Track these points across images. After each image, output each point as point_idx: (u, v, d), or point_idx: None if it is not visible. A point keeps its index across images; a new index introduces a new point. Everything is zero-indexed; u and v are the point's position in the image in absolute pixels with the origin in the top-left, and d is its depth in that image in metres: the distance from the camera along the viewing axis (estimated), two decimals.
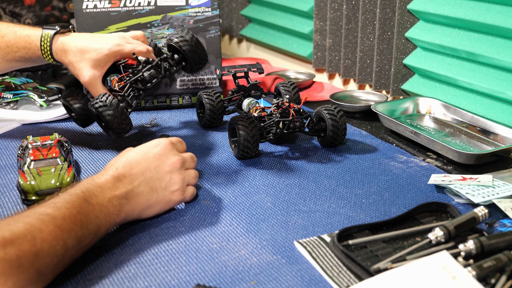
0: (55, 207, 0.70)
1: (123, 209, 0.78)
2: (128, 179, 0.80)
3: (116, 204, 0.77)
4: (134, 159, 0.83)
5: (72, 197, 0.73)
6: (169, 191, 0.85)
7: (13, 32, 1.10)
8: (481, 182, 0.91)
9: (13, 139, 1.18)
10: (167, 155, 0.85)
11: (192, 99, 1.38)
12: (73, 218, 0.70)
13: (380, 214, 0.87)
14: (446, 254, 0.69)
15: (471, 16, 1.16)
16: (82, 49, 1.06)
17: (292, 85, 1.28)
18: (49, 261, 0.66)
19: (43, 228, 0.66)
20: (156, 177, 0.83)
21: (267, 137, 1.07)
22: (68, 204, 0.71)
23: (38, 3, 1.80)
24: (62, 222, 0.68)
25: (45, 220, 0.67)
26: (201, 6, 1.34)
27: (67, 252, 0.68)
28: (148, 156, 0.84)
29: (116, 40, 1.08)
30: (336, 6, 1.49)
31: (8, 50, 1.10)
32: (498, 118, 1.14)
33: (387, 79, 1.39)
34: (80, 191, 0.75)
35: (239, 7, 1.92)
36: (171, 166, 0.85)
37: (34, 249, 0.64)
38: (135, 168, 0.82)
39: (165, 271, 0.73)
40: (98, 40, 1.08)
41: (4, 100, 1.34)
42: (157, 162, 0.84)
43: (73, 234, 0.69)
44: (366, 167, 1.03)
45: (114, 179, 0.79)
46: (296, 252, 0.77)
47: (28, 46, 1.09)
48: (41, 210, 0.69)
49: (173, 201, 0.86)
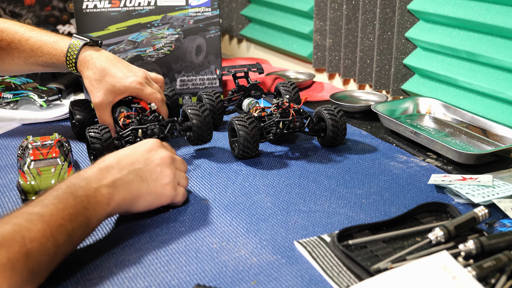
0: (42, 205, 0.69)
1: (113, 197, 0.77)
2: (116, 169, 0.79)
3: (104, 193, 0.76)
4: (122, 154, 0.82)
5: (58, 193, 0.72)
6: (161, 183, 0.83)
7: (39, 37, 1.10)
8: (481, 182, 0.91)
9: (13, 139, 1.18)
10: (156, 150, 0.85)
11: (192, 99, 1.38)
12: (61, 213, 0.69)
13: (380, 214, 0.87)
14: (446, 254, 0.69)
15: (471, 16, 1.16)
16: (105, 71, 1.07)
17: (292, 85, 1.28)
18: (41, 259, 0.65)
19: (31, 227, 0.65)
20: (146, 168, 0.82)
21: (267, 137, 1.07)
22: (54, 200, 0.70)
23: (38, 3, 1.80)
24: (50, 218, 0.68)
25: (33, 219, 0.66)
26: (201, 6, 1.34)
27: (59, 248, 0.68)
28: (137, 151, 0.84)
29: (139, 77, 1.08)
30: (336, 6, 1.49)
31: (31, 53, 1.11)
32: (498, 118, 1.14)
33: (387, 79, 1.39)
34: (66, 186, 0.74)
35: (239, 7, 1.92)
36: (161, 160, 0.84)
37: (25, 250, 0.63)
38: (124, 160, 0.81)
39: (165, 271, 0.73)
40: (123, 68, 1.08)
41: (4, 100, 1.34)
42: (146, 155, 0.83)
43: (62, 229, 0.68)
44: (366, 167, 1.03)
45: (101, 170, 0.78)
46: (296, 252, 0.77)
47: (53, 52, 1.09)
48: (29, 209, 0.68)
49: (165, 194, 0.84)
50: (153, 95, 1.09)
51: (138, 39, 1.33)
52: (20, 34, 1.11)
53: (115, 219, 0.85)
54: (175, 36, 1.34)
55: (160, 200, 0.84)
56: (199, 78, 1.37)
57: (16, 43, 1.11)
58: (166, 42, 1.34)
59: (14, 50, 1.11)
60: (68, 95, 1.45)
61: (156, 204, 0.84)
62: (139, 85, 1.07)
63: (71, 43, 1.08)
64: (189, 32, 1.34)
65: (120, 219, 0.85)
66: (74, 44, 1.08)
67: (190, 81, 1.37)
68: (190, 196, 0.93)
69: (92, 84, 1.07)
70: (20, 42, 1.11)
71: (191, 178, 0.99)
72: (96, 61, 1.08)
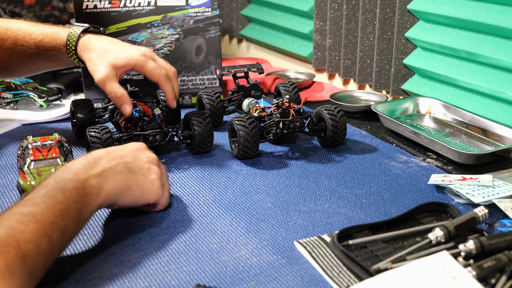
0: (33, 204, 0.68)
1: (102, 187, 0.75)
2: (105, 160, 0.79)
3: (93, 184, 0.74)
4: (111, 148, 0.82)
5: (47, 189, 0.70)
6: (149, 179, 0.82)
7: (41, 30, 1.08)
8: (481, 182, 0.91)
9: (13, 139, 1.18)
10: (143, 151, 0.85)
11: (192, 99, 1.38)
12: (52, 210, 0.68)
13: (380, 214, 0.87)
14: (446, 254, 0.69)
15: (471, 16, 1.16)
16: (104, 49, 1.04)
17: (292, 85, 1.28)
18: (38, 260, 0.64)
19: (24, 229, 0.64)
20: (134, 163, 0.82)
21: (267, 137, 1.07)
22: (44, 198, 0.69)
23: (38, 3, 1.80)
24: (42, 217, 0.66)
25: (25, 220, 0.65)
26: (201, 6, 1.34)
27: (53, 247, 0.67)
28: (125, 148, 0.84)
29: (143, 51, 1.05)
30: (336, 6, 1.49)
31: (35, 48, 1.08)
32: (498, 118, 1.14)
33: (387, 79, 1.39)
34: (54, 181, 0.72)
35: (239, 7, 1.92)
36: (148, 159, 0.84)
37: (21, 253, 0.62)
38: (113, 153, 0.81)
39: (165, 271, 0.73)
40: (124, 45, 1.06)
41: (4, 100, 1.34)
42: (134, 153, 0.83)
43: (55, 227, 0.67)
44: (366, 167, 1.03)
45: (89, 161, 0.77)
46: (296, 252, 0.77)
47: (54, 43, 1.07)
48: (19, 209, 0.67)
49: (152, 190, 0.83)
50: (157, 69, 1.04)
51: (138, 39, 1.33)
52: (24, 30, 1.09)
53: (115, 219, 0.85)
54: (175, 36, 1.34)
55: (147, 196, 0.82)
56: (199, 78, 1.37)
57: (20, 39, 1.09)
58: (166, 42, 1.34)
59: (19, 47, 1.09)
60: (68, 95, 1.45)
61: (143, 199, 0.82)
62: (142, 57, 1.03)
63: (70, 31, 1.06)
64: (189, 32, 1.34)
65: (120, 219, 0.85)
66: (74, 31, 1.06)
67: (190, 81, 1.37)
68: (190, 196, 0.93)
69: (94, 63, 1.03)
70: (24, 38, 1.09)
71: (191, 178, 1.00)
72: (96, 43, 1.04)
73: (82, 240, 0.80)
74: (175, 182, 0.98)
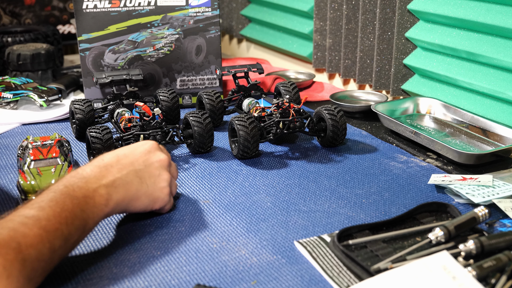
0: (39, 208, 0.67)
1: (112, 197, 0.75)
2: (116, 168, 0.78)
3: (103, 194, 0.74)
4: (121, 153, 0.81)
5: (55, 194, 0.70)
6: (159, 187, 0.82)
7: None
8: (481, 182, 0.91)
9: (13, 139, 1.18)
10: (155, 152, 0.84)
11: (192, 99, 1.38)
12: (58, 216, 0.67)
13: (380, 214, 0.87)
14: (446, 254, 0.69)
15: (471, 16, 1.16)
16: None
17: (292, 85, 1.28)
18: (37, 265, 0.64)
19: (27, 233, 0.63)
20: (145, 170, 0.81)
21: (267, 137, 1.07)
22: (51, 203, 0.68)
23: (38, 3, 1.80)
24: (46, 223, 0.66)
25: (29, 224, 0.64)
26: (201, 6, 1.34)
27: (54, 253, 0.66)
28: (135, 151, 0.82)
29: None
30: (336, 6, 1.49)
31: None
32: (498, 118, 1.14)
33: (387, 79, 1.39)
34: (64, 186, 0.71)
35: (239, 7, 1.92)
36: (160, 163, 0.83)
37: (21, 257, 0.62)
38: (123, 160, 0.80)
39: (165, 271, 0.73)
40: None
41: (4, 100, 1.34)
42: (145, 157, 0.82)
43: (59, 233, 0.67)
44: (366, 167, 1.03)
45: (100, 169, 0.76)
46: (296, 252, 0.77)
47: None
48: (24, 212, 0.66)
49: (161, 199, 0.83)
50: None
51: (138, 39, 1.33)
52: None
53: (115, 219, 0.85)
54: (175, 36, 1.34)
55: (155, 204, 0.83)
56: (199, 78, 1.37)
57: None
58: (166, 42, 1.34)
59: None
60: (68, 95, 1.45)
61: (150, 207, 0.82)
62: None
63: None
64: (189, 32, 1.34)
65: (120, 219, 0.85)
66: None
67: (190, 81, 1.37)
68: (190, 196, 0.93)
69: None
70: None
71: (191, 178, 1.00)
72: None
73: None
74: None
